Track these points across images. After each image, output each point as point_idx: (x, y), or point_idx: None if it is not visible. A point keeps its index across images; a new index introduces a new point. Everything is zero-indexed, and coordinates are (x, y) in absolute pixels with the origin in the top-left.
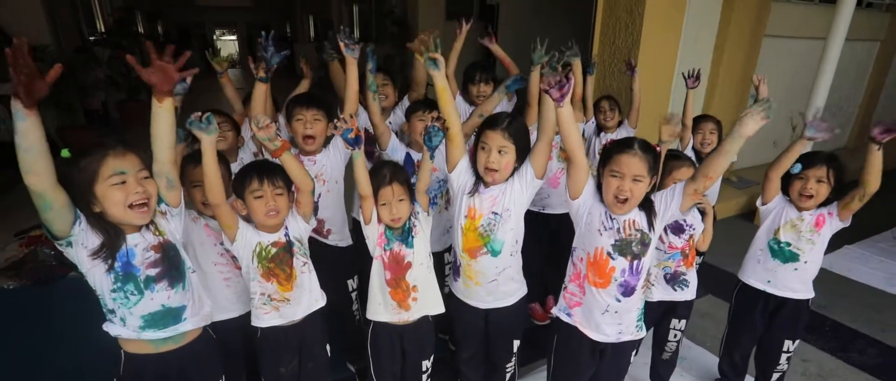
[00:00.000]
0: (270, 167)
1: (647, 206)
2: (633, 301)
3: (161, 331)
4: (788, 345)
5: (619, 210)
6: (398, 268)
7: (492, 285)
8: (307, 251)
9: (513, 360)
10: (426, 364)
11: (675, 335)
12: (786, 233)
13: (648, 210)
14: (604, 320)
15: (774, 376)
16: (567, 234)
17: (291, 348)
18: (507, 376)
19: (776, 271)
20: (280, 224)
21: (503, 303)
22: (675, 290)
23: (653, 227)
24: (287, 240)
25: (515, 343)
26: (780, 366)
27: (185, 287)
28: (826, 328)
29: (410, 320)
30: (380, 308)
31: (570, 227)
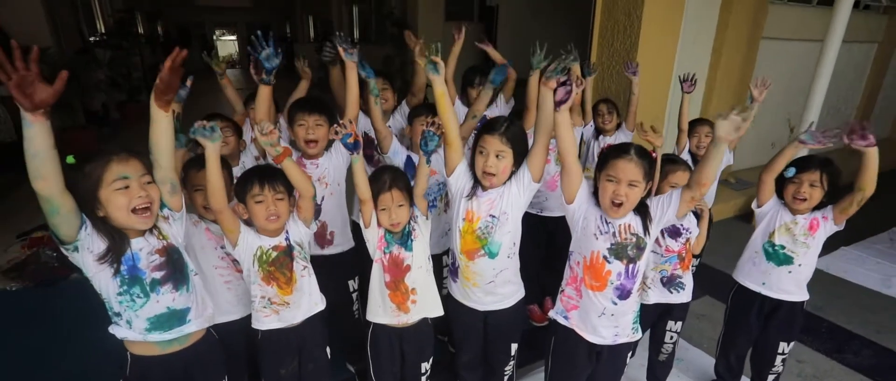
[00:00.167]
0: (271, 172)
1: (643, 210)
2: (629, 304)
3: (166, 333)
4: (783, 347)
5: (615, 214)
6: (397, 271)
7: (490, 286)
8: (307, 255)
9: (511, 363)
10: (425, 366)
11: (672, 337)
12: (780, 236)
13: (644, 215)
14: (600, 322)
15: (770, 377)
16: (564, 236)
17: (291, 350)
18: (505, 379)
19: (771, 273)
20: (281, 228)
21: (501, 305)
22: (672, 292)
23: (648, 231)
24: (287, 244)
25: (513, 346)
26: (776, 367)
27: (189, 289)
28: (822, 330)
29: (409, 322)
30: (379, 310)
31: (568, 229)
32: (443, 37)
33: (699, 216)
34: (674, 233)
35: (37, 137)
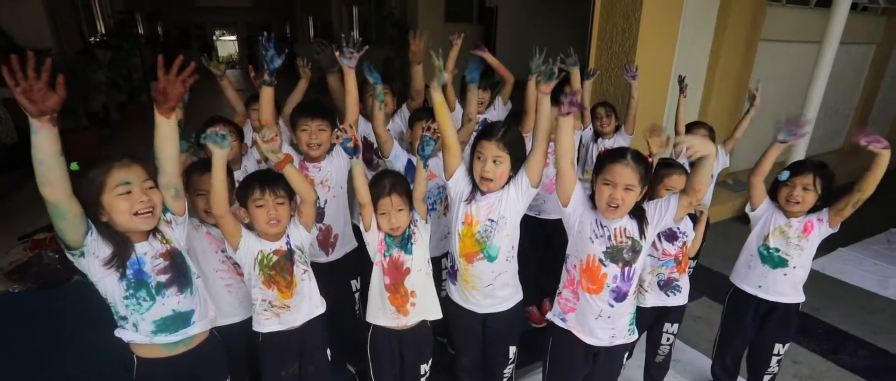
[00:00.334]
0: (272, 177)
1: (639, 214)
2: (626, 306)
3: (172, 335)
4: (779, 348)
5: (611, 215)
6: (397, 274)
7: (488, 289)
8: (308, 259)
9: (510, 366)
10: (424, 368)
11: (668, 339)
12: (775, 239)
13: (640, 218)
14: (597, 324)
15: (765, 378)
16: (563, 238)
17: (292, 352)
18: (504, 380)
19: (766, 276)
20: (281, 233)
21: (500, 308)
22: (668, 295)
23: (644, 235)
24: (288, 248)
25: (512, 348)
26: (771, 368)
27: (193, 292)
28: (818, 331)
29: (409, 324)
30: (379, 313)
31: (566, 231)
32: (443, 38)
33: (696, 219)
34: (670, 237)
35: (44, 144)
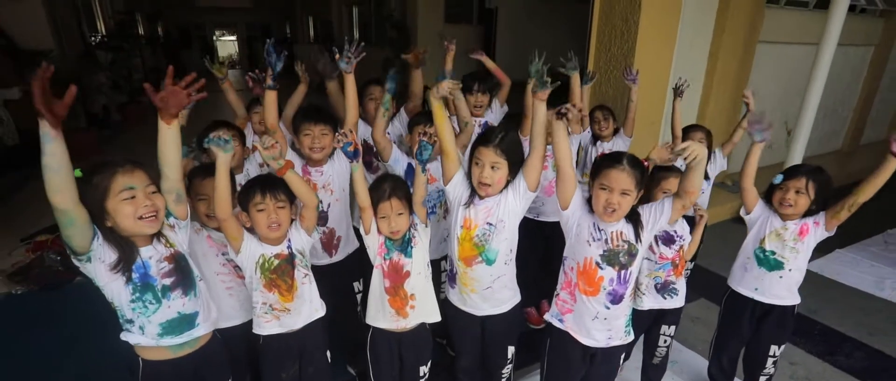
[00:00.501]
0: (273, 182)
1: (635, 218)
2: (622, 308)
3: (178, 337)
4: (775, 350)
5: (608, 220)
6: (397, 277)
7: (487, 292)
8: (309, 263)
9: (508, 367)
10: (423, 370)
11: (665, 341)
12: (770, 242)
13: (635, 222)
14: (594, 326)
15: (762, 379)
16: (561, 240)
17: (292, 354)
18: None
19: (762, 278)
20: (283, 237)
21: (498, 310)
22: (665, 298)
23: (639, 238)
24: (289, 252)
25: (510, 349)
26: (767, 370)
27: (197, 294)
28: (815, 332)
29: (408, 327)
30: (379, 315)
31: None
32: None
33: (694, 224)
34: (667, 240)
35: (58, 151)
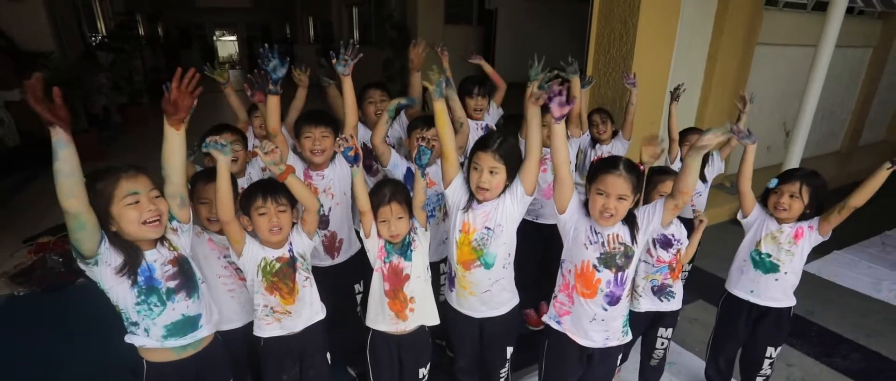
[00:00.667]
0: (275, 186)
1: (631, 220)
2: (619, 310)
3: (182, 339)
4: (771, 352)
5: (605, 223)
6: (397, 280)
7: (485, 295)
8: (310, 266)
9: (506, 367)
10: (423, 372)
11: (663, 343)
12: (766, 245)
13: (631, 224)
14: (592, 327)
15: (758, 380)
16: (559, 243)
17: (293, 356)
18: None
19: (758, 281)
20: (284, 240)
21: (496, 312)
22: (662, 301)
23: (635, 240)
24: (291, 255)
25: (509, 351)
26: (763, 371)
27: (200, 296)
28: (812, 334)
29: (407, 330)
30: (378, 318)
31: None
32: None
33: (694, 228)
34: (665, 244)
35: (71, 157)
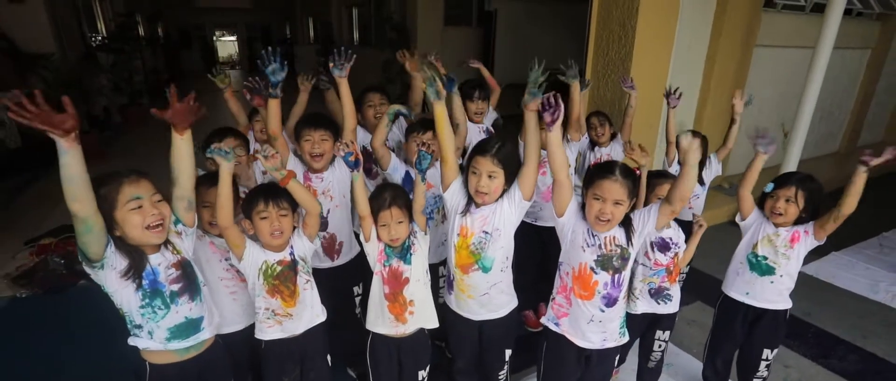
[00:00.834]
0: (276, 190)
1: (627, 223)
2: (616, 311)
3: (185, 341)
4: (767, 354)
5: (601, 229)
6: (396, 283)
7: (484, 298)
8: (310, 269)
9: (505, 368)
10: (422, 374)
11: (660, 346)
12: (763, 247)
13: (628, 227)
14: (589, 328)
15: None
16: (558, 245)
17: (293, 359)
18: None
19: (754, 283)
20: (285, 244)
21: (495, 315)
22: (659, 303)
23: (632, 243)
24: (292, 259)
25: (507, 353)
26: (760, 373)
27: (202, 299)
28: (809, 335)
29: (407, 332)
30: (378, 321)
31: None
32: (442, 42)
33: (691, 230)
34: (663, 247)
35: (73, 162)
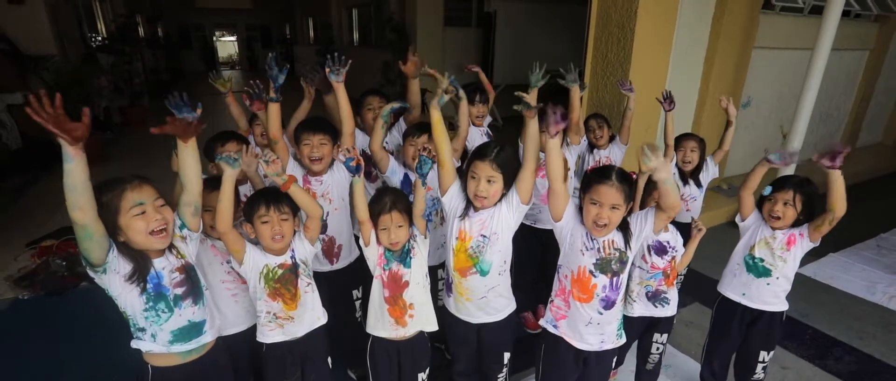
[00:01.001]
0: (277, 194)
1: (624, 227)
2: (614, 313)
3: (187, 344)
4: (763, 355)
5: (599, 233)
6: (396, 287)
7: (481, 301)
8: (311, 272)
9: (504, 371)
10: (422, 377)
11: (658, 348)
12: (760, 249)
13: (625, 231)
14: (587, 330)
15: None
16: (557, 247)
17: (294, 361)
18: None
19: (750, 284)
20: (286, 247)
21: (493, 318)
22: (656, 306)
23: (629, 246)
24: (293, 262)
25: (506, 356)
26: (756, 375)
27: (205, 303)
28: (806, 336)
29: (407, 335)
30: (378, 324)
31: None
32: (441, 43)
33: (690, 236)
34: (660, 250)
35: (77, 170)
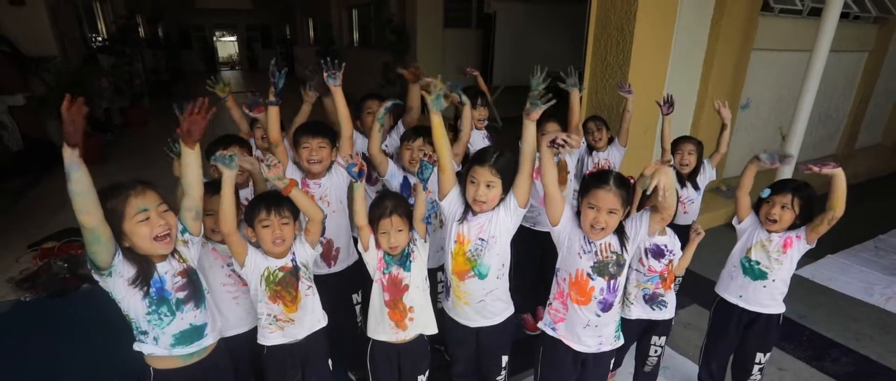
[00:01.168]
0: (278, 198)
1: (620, 230)
2: (612, 315)
3: (189, 347)
4: (760, 357)
5: (596, 237)
6: (396, 290)
7: (479, 305)
8: (312, 275)
9: (502, 373)
10: (422, 379)
11: (656, 351)
12: (756, 252)
13: (621, 234)
14: (585, 333)
15: None
16: (556, 250)
17: (295, 363)
18: None
19: (747, 287)
20: (287, 251)
21: (491, 322)
22: (654, 309)
23: (626, 249)
24: (293, 265)
25: (504, 358)
26: (753, 376)
27: (206, 306)
28: (803, 338)
29: (407, 339)
30: (379, 328)
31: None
32: (441, 44)
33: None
34: (657, 254)
35: (82, 178)
